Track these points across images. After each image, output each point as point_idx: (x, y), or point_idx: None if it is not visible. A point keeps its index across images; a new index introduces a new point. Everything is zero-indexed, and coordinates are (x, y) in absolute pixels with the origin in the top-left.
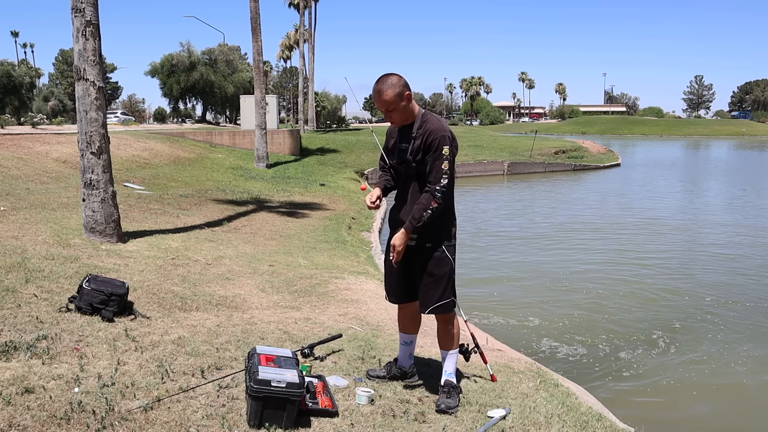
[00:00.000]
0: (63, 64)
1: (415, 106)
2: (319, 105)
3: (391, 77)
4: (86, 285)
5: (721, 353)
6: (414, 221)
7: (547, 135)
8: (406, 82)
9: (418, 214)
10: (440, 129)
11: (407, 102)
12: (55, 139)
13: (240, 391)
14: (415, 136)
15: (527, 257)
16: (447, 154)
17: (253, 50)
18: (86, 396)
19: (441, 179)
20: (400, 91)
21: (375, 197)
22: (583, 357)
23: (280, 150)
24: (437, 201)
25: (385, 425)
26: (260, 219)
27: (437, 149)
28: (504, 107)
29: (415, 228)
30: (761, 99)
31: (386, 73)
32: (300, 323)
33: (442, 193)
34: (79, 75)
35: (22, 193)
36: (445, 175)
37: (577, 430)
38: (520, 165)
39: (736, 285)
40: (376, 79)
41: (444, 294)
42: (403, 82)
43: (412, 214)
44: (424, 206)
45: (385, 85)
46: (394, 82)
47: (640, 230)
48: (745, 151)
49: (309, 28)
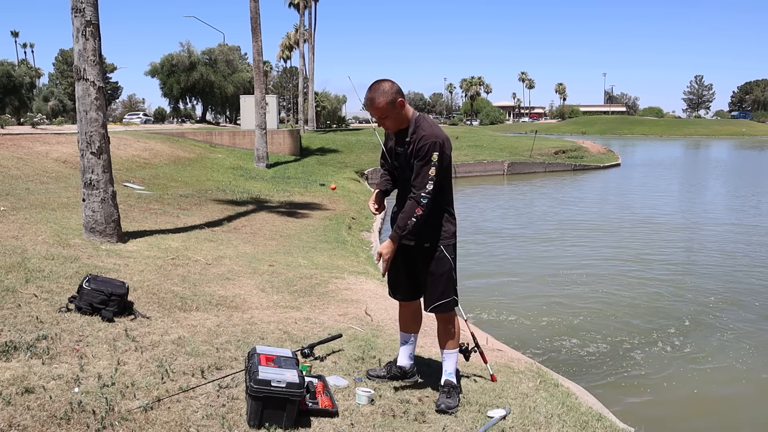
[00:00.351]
0: (63, 64)
1: (409, 111)
2: (319, 105)
3: (383, 84)
4: (86, 285)
5: (721, 353)
6: (399, 230)
7: (547, 135)
8: (399, 88)
9: (403, 223)
10: (431, 135)
11: (400, 108)
12: (55, 139)
13: (240, 391)
14: (409, 141)
15: (527, 257)
16: (435, 160)
17: (253, 50)
18: (86, 396)
19: (426, 185)
20: (392, 98)
21: (374, 204)
22: (583, 357)
23: (280, 150)
24: (422, 208)
25: (385, 425)
26: (260, 219)
27: (426, 155)
28: (504, 107)
29: (401, 236)
30: (761, 99)
31: (378, 80)
32: (300, 323)
33: (427, 199)
34: (79, 75)
35: (22, 193)
36: (431, 181)
37: (577, 430)
38: (520, 165)
39: (737, 285)
40: (369, 86)
41: (444, 293)
42: (395, 89)
43: (397, 223)
44: (408, 214)
45: (377, 93)
46: (386, 90)
47: (641, 230)
48: (745, 150)
49: (309, 28)
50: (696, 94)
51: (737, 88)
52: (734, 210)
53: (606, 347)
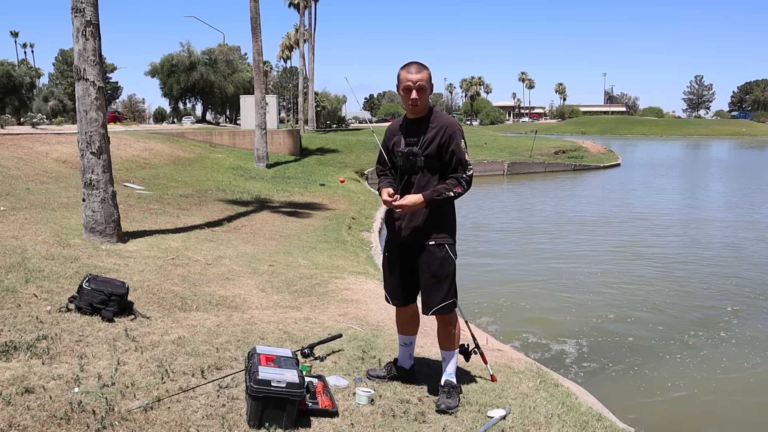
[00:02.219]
0: (63, 64)
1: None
2: (319, 105)
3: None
4: (86, 285)
5: (722, 353)
6: (435, 193)
7: (547, 135)
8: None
9: (442, 190)
10: (455, 123)
11: (430, 90)
12: (55, 139)
13: (240, 391)
14: (428, 129)
15: (527, 257)
16: (465, 147)
17: (253, 50)
18: (86, 396)
19: (467, 169)
20: (430, 74)
21: (391, 192)
22: (584, 357)
23: (280, 150)
24: (462, 187)
25: (385, 425)
26: (260, 219)
27: (457, 142)
28: (504, 107)
29: (432, 200)
30: (761, 99)
31: (412, 61)
32: (300, 323)
33: (467, 182)
34: (79, 75)
35: (22, 193)
36: (470, 165)
37: (577, 430)
38: (520, 165)
39: (738, 285)
40: (405, 63)
41: (447, 295)
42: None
43: (437, 189)
44: (449, 187)
45: (423, 66)
46: (425, 66)
47: (641, 230)
48: (745, 150)
49: (309, 28)
50: (696, 94)
51: (737, 88)
52: (735, 209)
53: (606, 347)
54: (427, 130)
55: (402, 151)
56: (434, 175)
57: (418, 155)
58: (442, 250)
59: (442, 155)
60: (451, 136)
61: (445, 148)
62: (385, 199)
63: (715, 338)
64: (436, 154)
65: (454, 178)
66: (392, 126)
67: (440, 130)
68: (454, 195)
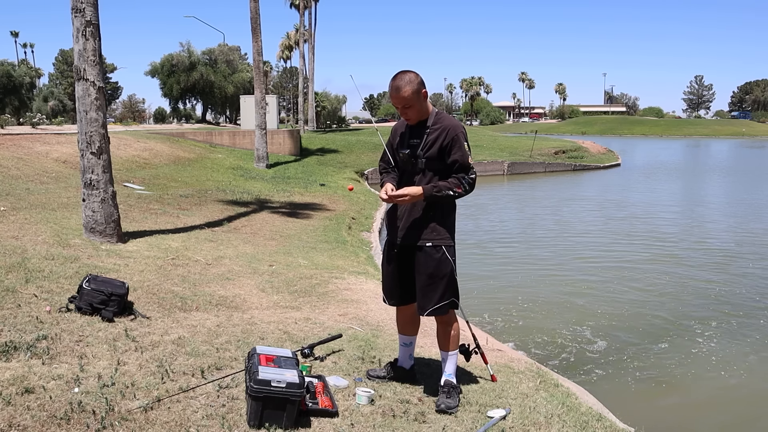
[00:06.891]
0: (63, 64)
1: (430, 105)
2: (319, 105)
3: (409, 74)
4: (86, 285)
5: (722, 353)
6: (435, 189)
7: (547, 135)
8: (422, 80)
9: (442, 186)
10: (458, 125)
11: (423, 99)
12: (55, 139)
13: (240, 391)
14: (430, 131)
15: (527, 257)
16: (468, 150)
17: (253, 50)
18: (86, 396)
19: (470, 172)
20: (417, 88)
21: (391, 188)
22: (584, 357)
23: (280, 150)
24: (463, 188)
25: (385, 425)
26: (260, 219)
27: (460, 145)
28: (504, 107)
29: (431, 194)
30: (761, 99)
31: (402, 71)
32: (300, 323)
33: (469, 184)
34: (79, 75)
35: (22, 193)
36: (473, 168)
37: (577, 430)
38: (520, 165)
39: (739, 286)
40: (393, 76)
41: (443, 296)
42: (419, 80)
43: (438, 184)
44: (450, 185)
45: (403, 82)
46: (411, 79)
47: (641, 230)
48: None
49: (309, 28)
50: (696, 94)
51: (737, 88)
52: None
53: (606, 347)
54: (429, 132)
55: (404, 152)
56: (435, 176)
57: (420, 157)
58: (439, 251)
59: (444, 157)
60: (454, 139)
61: (447, 150)
62: (385, 192)
63: (715, 338)
64: (437, 156)
65: (456, 178)
66: (397, 125)
67: (443, 133)
68: (455, 194)
